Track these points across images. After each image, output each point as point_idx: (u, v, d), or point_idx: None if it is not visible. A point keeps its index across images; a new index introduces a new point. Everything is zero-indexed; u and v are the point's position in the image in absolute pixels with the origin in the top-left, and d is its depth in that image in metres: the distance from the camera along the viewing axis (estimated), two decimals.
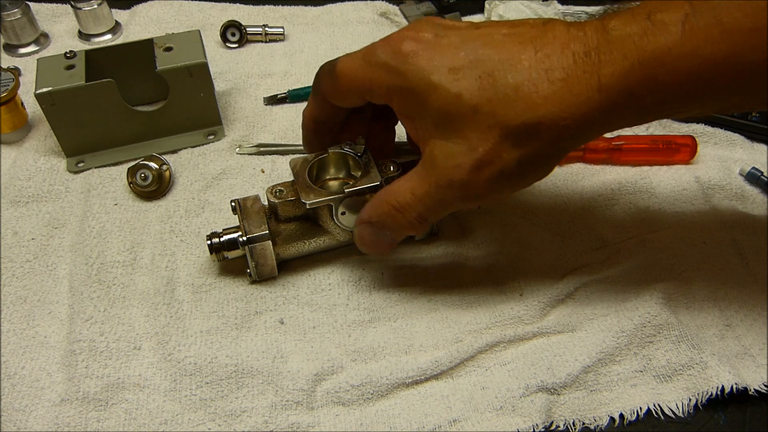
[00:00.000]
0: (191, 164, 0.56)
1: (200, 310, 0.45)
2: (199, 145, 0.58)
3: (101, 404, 0.40)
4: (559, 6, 0.74)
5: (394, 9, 0.75)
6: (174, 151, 0.57)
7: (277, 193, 0.45)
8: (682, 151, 0.57)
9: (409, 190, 0.38)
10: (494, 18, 0.72)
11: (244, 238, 0.43)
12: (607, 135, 0.58)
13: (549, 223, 0.52)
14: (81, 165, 0.55)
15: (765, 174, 0.56)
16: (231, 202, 0.46)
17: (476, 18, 0.75)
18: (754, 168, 0.56)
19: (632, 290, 0.47)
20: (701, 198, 0.55)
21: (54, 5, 0.73)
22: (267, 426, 0.40)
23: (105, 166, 0.55)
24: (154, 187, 0.52)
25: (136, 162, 0.53)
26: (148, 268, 0.48)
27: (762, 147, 0.61)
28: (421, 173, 0.38)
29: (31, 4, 0.68)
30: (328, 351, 0.43)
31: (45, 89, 0.51)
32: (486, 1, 0.75)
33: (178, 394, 0.41)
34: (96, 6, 0.67)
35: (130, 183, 0.53)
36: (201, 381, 0.42)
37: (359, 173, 0.44)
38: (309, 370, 0.42)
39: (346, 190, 0.43)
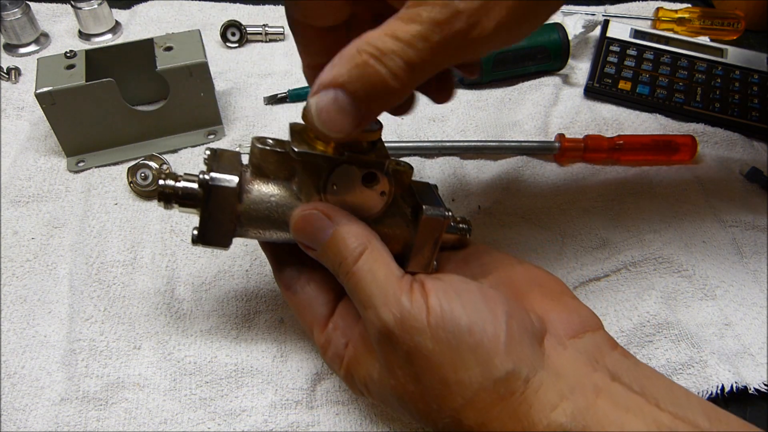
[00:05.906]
0: (191, 164, 0.56)
1: (200, 310, 0.45)
2: (199, 145, 0.58)
3: (101, 403, 0.40)
4: None
5: None
6: (174, 151, 0.57)
7: (263, 142, 0.36)
8: (682, 150, 0.57)
9: (389, 34, 0.29)
10: None
11: (207, 177, 0.34)
12: (607, 134, 0.58)
13: (549, 223, 0.52)
14: (81, 165, 0.55)
15: (765, 173, 0.56)
16: (206, 150, 0.37)
17: None
18: (754, 167, 0.56)
19: (631, 289, 0.47)
20: (701, 198, 0.55)
21: (54, 5, 0.73)
22: (267, 425, 0.40)
23: (105, 165, 0.55)
24: (154, 186, 0.52)
25: (137, 161, 0.53)
26: (148, 267, 0.48)
27: (762, 146, 0.61)
28: (405, 13, 0.29)
29: (31, 3, 0.68)
30: None
31: (45, 89, 0.51)
32: None
33: (177, 394, 0.41)
34: (96, 6, 0.68)
35: (130, 182, 0.53)
36: (201, 380, 0.42)
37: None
38: (309, 369, 0.42)
39: (346, 154, 0.34)
